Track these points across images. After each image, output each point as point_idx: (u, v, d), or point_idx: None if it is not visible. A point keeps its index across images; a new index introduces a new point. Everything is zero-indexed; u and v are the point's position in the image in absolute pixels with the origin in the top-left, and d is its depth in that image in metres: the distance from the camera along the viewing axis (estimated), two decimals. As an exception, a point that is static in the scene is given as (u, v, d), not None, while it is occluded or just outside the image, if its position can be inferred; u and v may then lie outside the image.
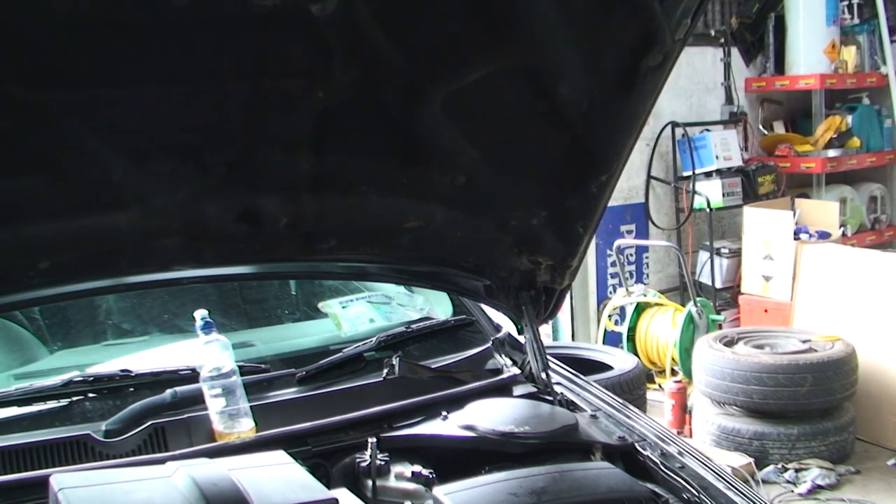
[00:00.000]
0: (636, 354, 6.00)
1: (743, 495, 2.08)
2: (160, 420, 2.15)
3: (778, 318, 6.45)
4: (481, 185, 2.21)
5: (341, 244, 2.22)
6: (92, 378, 2.29)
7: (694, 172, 7.09)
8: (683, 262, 6.80)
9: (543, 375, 2.49)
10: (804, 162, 7.60)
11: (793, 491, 4.83)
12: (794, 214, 6.87)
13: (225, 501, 1.61)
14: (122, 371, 2.33)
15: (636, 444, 2.23)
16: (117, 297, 2.71)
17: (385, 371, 2.40)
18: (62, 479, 1.63)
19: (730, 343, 5.44)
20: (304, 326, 2.95)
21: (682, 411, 5.55)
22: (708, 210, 7.09)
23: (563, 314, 6.93)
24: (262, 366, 2.42)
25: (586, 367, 4.92)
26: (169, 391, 2.24)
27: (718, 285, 7.17)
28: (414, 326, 2.69)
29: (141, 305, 2.73)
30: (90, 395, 2.26)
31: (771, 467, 4.97)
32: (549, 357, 2.57)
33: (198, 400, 2.21)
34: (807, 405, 5.06)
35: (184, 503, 1.60)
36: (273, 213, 2.07)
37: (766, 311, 6.67)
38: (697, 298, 6.19)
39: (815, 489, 4.82)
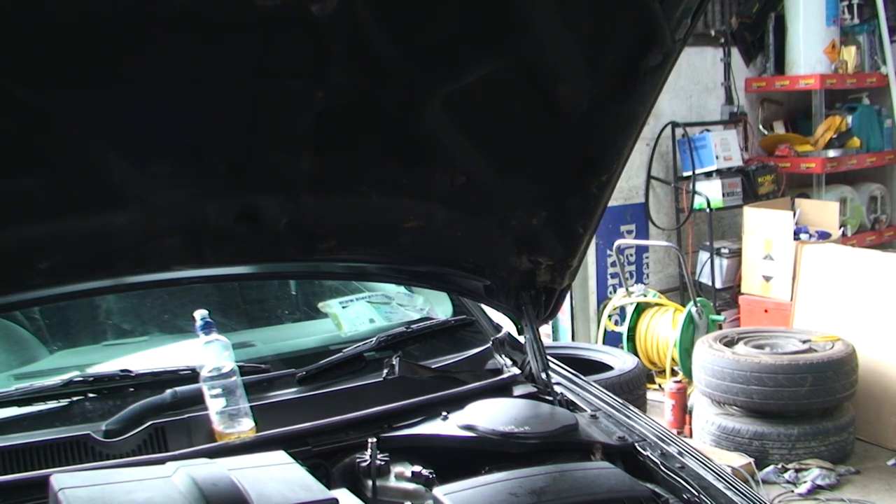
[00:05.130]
0: (636, 354, 6.00)
1: (743, 495, 2.08)
2: (160, 420, 2.15)
3: (778, 318, 6.45)
4: (481, 185, 2.21)
5: (341, 244, 2.22)
6: (92, 378, 2.29)
7: (694, 172, 7.09)
8: (683, 262, 6.80)
9: (543, 375, 2.49)
10: (804, 162, 7.60)
11: (793, 491, 4.83)
12: (794, 214, 6.87)
13: (225, 501, 1.61)
14: (122, 371, 2.33)
15: (636, 444, 2.23)
16: (117, 297, 2.70)
17: (385, 371, 2.40)
18: (62, 479, 1.63)
19: (730, 343, 5.44)
20: (304, 326, 2.95)
21: (682, 411, 5.55)
22: (708, 210, 7.09)
23: (563, 314, 6.92)
24: (262, 366, 2.42)
25: (586, 367, 4.93)
26: (169, 391, 2.24)
27: (718, 285, 7.17)
28: (414, 326, 2.69)
29: (141, 305, 2.73)
30: (90, 395, 2.26)
31: (771, 467, 4.97)
32: (549, 357, 2.57)
33: (198, 400, 2.21)
34: (807, 405, 5.06)
35: (184, 503, 1.60)
36: (273, 213, 2.07)
37: (766, 311, 6.67)
38: (697, 298, 6.19)
39: (815, 489, 4.82)
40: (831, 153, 7.66)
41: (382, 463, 1.98)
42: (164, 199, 1.93)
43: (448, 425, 2.19)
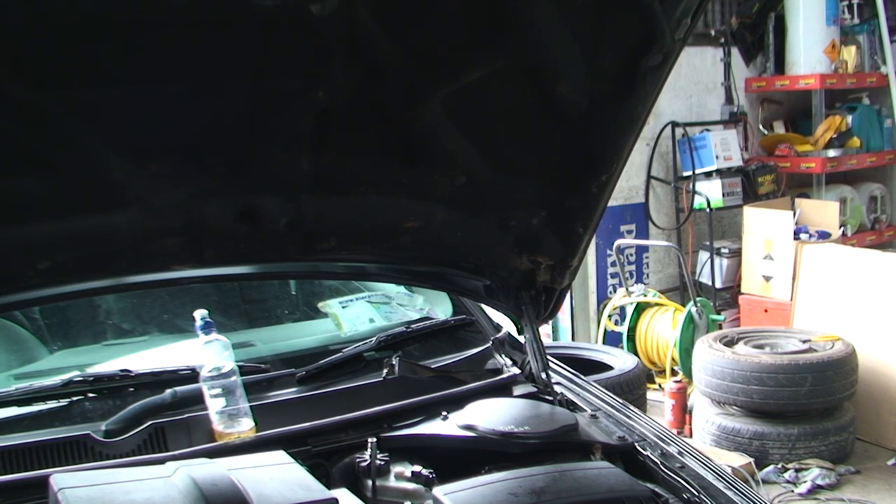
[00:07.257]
0: (636, 354, 6.00)
1: (743, 495, 2.08)
2: (160, 420, 2.15)
3: (778, 318, 6.46)
4: (481, 185, 2.21)
5: (341, 244, 2.22)
6: (92, 378, 2.29)
7: (694, 172, 7.09)
8: (683, 262, 6.80)
9: (543, 375, 2.49)
10: (804, 162, 7.60)
11: (793, 491, 4.83)
12: (794, 214, 6.88)
13: (225, 501, 1.61)
14: (122, 371, 2.33)
15: (636, 444, 2.23)
16: (117, 297, 2.70)
17: (385, 371, 2.40)
18: (62, 479, 1.63)
19: (730, 343, 5.44)
20: (304, 326, 2.95)
21: (682, 411, 5.55)
22: (708, 210, 7.09)
23: (563, 314, 6.93)
24: (262, 366, 2.42)
25: (586, 367, 4.93)
26: (169, 391, 2.24)
27: (718, 285, 7.18)
28: (414, 326, 2.68)
29: (141, 305, 2.73)
30: (90, 395, 2.26)
31: (771, 467, 4.97)
32: (549, 357, 2.57)
33: (198, 400, 2.21)
34: (807, 405, 5.06)
35: (183, 503, 1.60)
36: (273, 213, 2.07)
37: (766, 311, 6.67)
38: (697, 298, 6.19)
39: (815, 489, 4.82)
40: (831, 153, 7.66)
41: (382, 463, 1.98)
42: (164, 199, 1.93)
43: (448, 425, 2.19)
